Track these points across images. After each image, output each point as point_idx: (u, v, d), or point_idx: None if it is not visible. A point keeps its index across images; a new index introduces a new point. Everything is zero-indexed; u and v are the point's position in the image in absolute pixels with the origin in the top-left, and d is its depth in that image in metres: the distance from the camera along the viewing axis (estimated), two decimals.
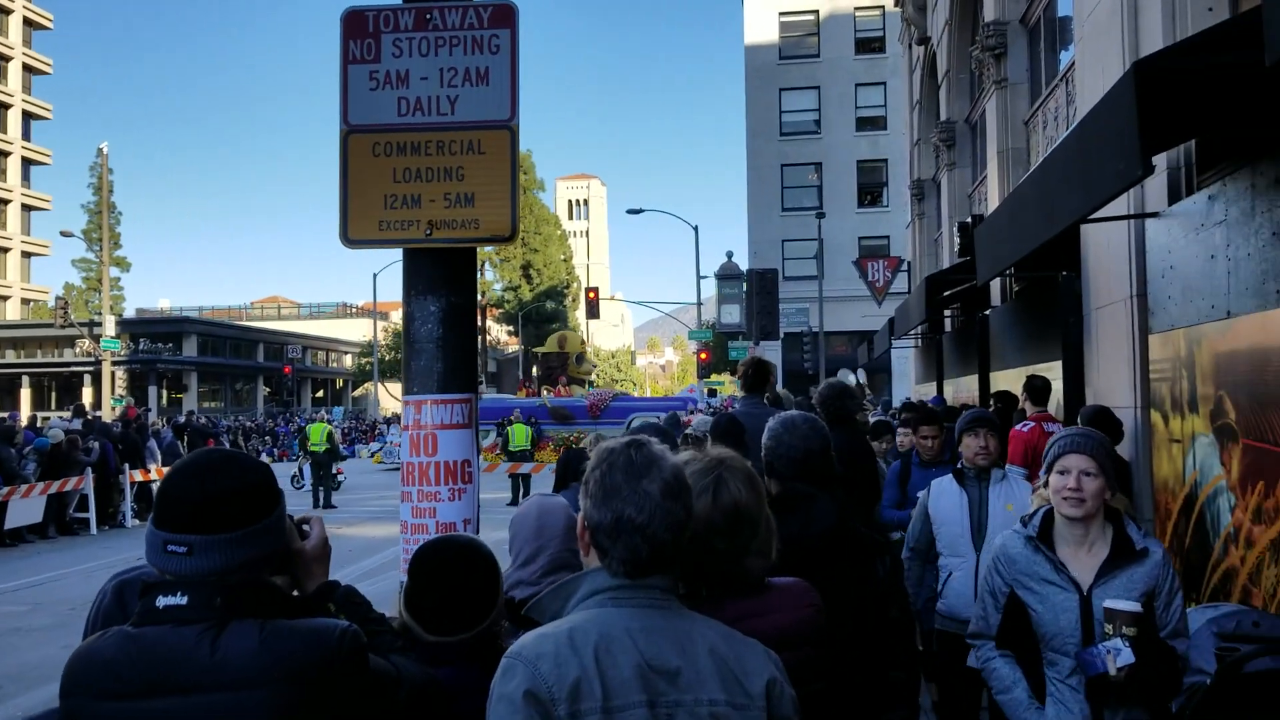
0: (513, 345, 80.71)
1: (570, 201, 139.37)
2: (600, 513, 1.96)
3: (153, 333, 66.95)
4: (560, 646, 1.86)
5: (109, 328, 38.43)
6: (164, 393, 65.92)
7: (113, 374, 41.01)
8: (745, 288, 30.22)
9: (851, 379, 23.82)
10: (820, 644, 2.49)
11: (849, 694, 2.78)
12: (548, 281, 72.67)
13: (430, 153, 3.64)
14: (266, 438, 46.81)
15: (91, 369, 57.31)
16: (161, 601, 1.87)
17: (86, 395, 57.69)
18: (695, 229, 39.53)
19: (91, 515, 18.14)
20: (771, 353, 35.40)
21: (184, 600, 1.87)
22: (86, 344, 48.39)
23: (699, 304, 41.73)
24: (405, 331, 3.64)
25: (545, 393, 33.42)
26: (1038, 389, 8.26)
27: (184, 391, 66.99)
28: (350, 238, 3.64)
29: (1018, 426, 7.87)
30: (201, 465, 1.96)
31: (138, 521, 19.27)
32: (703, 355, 38.43)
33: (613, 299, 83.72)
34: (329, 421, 28.93)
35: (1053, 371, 9.39)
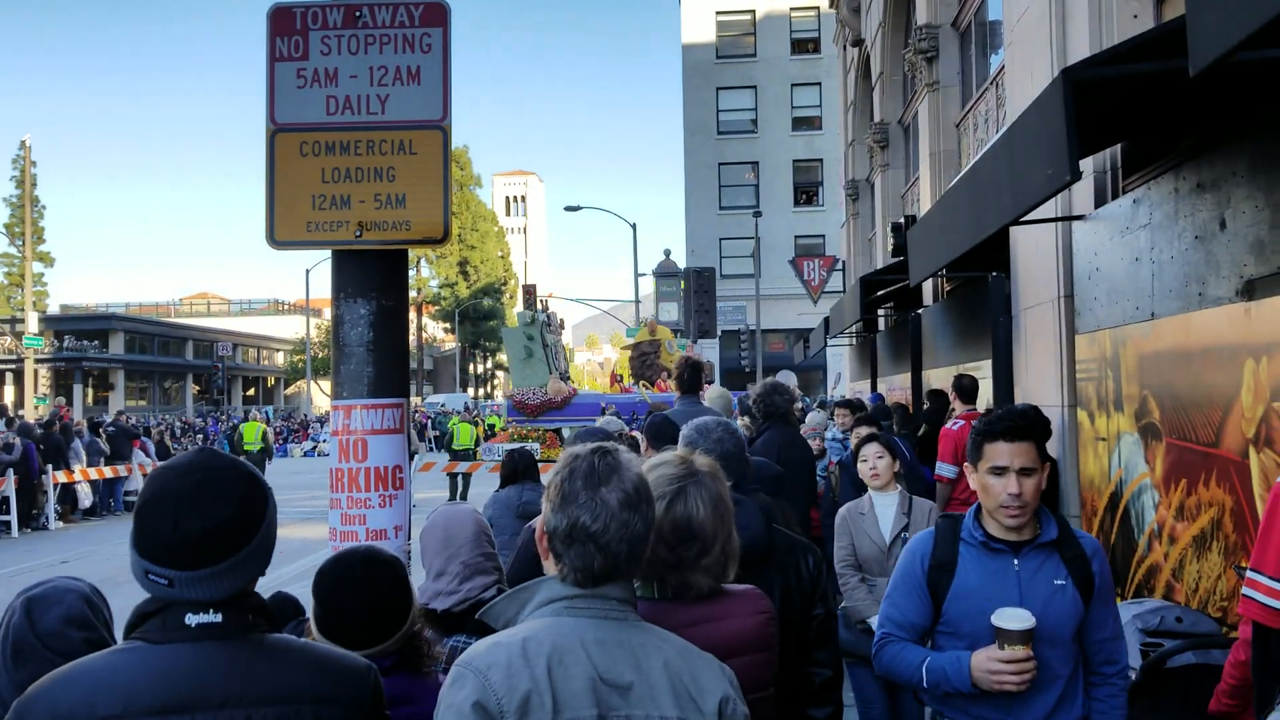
0: (449, 343, 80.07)
1: (508, 198, 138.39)
2: (557, 518, 1.95)
3: (78, 330, 65.18)
4: (513, 657, 1.83)
5: (32, 324, 37.46)
6: (89, 391, 64.29)
7: (36, 372, 39.99)
8: (683, 286, 30.28)
9: (792, 379, 24.00)
10: (771, 649, 2.48)
11: (775, 692, 2.79)
12: (485, 278, 72.33)
13: (360, 152, 3.57)
14: (198, 436, 45.91)
15: (14, 367, 55.74)
16: (193, 619, 1.84)
17: (8, 394, 56.09)
18: (633, 226, 39.53)
19: (13, 518, 17.64)
20: (709, 351, 35.55)
21: (219, 618, 1.85)
22: (8, 341, 47.08)
23: (637, 301, 41.70)
24: (334, 335, 3.56)
25: (643, 387, 33.10)
26: (965, 388, 8.38)
27: (110, 390, 65.38)
28: (276, 239, 3.56)
29: (948, 425, 7.98)
30: (173, 498, 1.86)
31: (61, 524, 18.87)
32: None
33: (551, 296, 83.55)
34: (264, 420, 28.43)
35: (984, 370, 9.52)
